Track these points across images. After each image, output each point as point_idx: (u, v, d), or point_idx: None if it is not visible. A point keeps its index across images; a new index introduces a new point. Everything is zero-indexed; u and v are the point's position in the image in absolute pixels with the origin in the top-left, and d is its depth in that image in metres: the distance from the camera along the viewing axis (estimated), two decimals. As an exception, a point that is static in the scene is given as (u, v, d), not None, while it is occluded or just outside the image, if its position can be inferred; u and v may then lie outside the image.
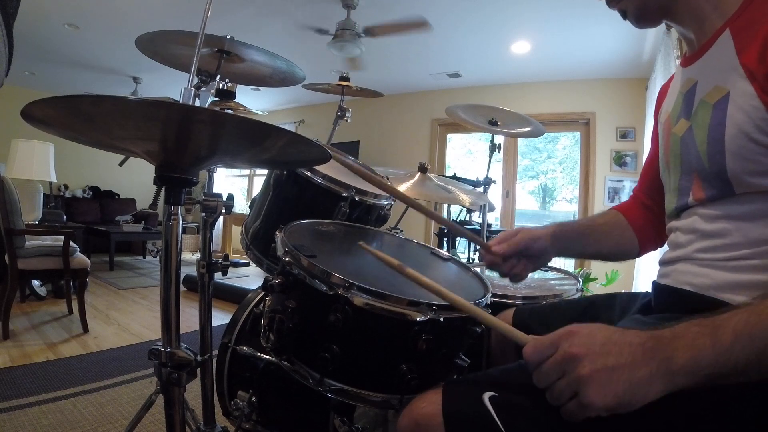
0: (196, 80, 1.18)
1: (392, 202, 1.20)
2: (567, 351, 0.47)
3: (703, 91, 0.63)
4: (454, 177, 2.81)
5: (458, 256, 1.77)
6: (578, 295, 1.18)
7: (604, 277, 3.65)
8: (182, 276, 0.82)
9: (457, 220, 3.07)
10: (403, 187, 1.59)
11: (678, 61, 2.53)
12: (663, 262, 0.73)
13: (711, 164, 0.60)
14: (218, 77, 1.25)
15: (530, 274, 1.46)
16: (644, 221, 0.90)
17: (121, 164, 1.19)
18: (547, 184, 5.33)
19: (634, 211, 0.92)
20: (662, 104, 0.81)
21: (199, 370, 0.82)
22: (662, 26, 2.73)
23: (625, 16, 0.72)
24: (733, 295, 0.58)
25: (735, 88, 0.57)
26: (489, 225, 2.28)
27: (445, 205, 3.15)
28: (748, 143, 0.55)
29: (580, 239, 0.90)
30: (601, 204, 4.20)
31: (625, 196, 4.11)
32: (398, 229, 1.32)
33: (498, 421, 0.52)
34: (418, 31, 3.22)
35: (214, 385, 1.22)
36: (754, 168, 0.55)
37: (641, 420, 0.48)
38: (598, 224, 0.92)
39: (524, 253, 0.86)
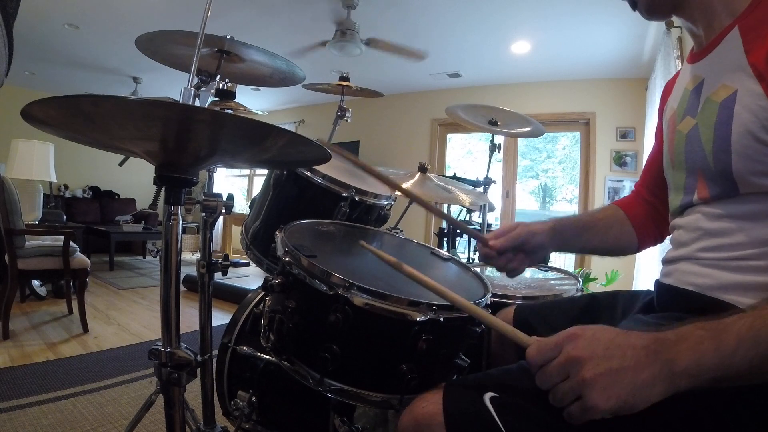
0: (196, 80, 1.18)
1: (392, 202, 1.20)
2: (570, 354, 0.46)
3: (709, 89, 0.63)
4: (454, 177, 2.81)
5: (458, 256, 1.77)
6: (578, 295, 1.18)
7: (604, 277, 3.65)
8: (182, 276, 0.82)
9: (457, 221, 3.07)
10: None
11: (678, 61, 2.52)
12: (666, 261, 0.73)
13: (716, 163, 0.60)
14: (218, 77, 1.25)
15: (530, 275, 1.46)
16: (644, 217, 0.90)
17: (121, 164, 1.19)
18: (547, 183, 5.32)
19: (635, 207, 0.92)
20: (667, 100, 0.80)
21: (199, 370, 0.82)
22: (662, 26, 2.73)
23: (635, 6, 0.71)
24: (736, 296, 0.58)
25: (742, 88, 0.57)
26: (489, 225, 2.28)
27: (445, 206, 3.15)
28: (754, 143, 0.55)
29: (580, 234, 0.90)
30: (601, 204, 4.19)
31: (625, 196, 4.11)
32: (398, 229, 1.32)
33: (499, 422, 0.52)
34: (414, 59, 3.31)
35: (214, 385, 1.22)
36: (760, 168, 0.55)
37: (640, 421, 0.48)
38: (598, 219, 0.92)
39: (521, 247, 0.85)
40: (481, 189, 2.24)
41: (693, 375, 0.44)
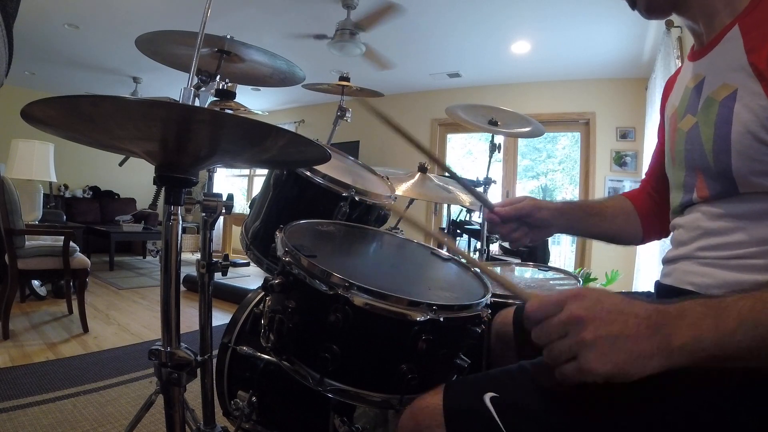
0: (196, 80, 1.18)
1: (392, 202, 1.20)
2: (573, 312, 0.46)
3: (710, 87, 0.63)
4: (454, 177, 2.81)
5: (458, 257, 1.77)
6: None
7: (604, 277, 3.65)
8: (182, 276, 0.82)
9: (457, 221, 3.08)
10: (403, 187, 1.59)
11: (678, 61, 2.52)
12: (666, 261, 0.73)
13: (716, 162, 0.60)
14: (218, 77, 1.25)
15: (530, 275, 1.46)
16: (650, 210, 0.92)
17: (121, 164, 1.19)
18: (547, 184, 5.32)
19: (642, 199, 0.94)
20: (669, 97, 0.81)
21: (199, 370, 0.82)
22: (662, 26, 2.73)
23: (633, 5, 0.71)
24: None
25: (743, 87, 0.56)
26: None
27: (445, 205, 3.15)
28: (754, 143, 0.54)
29: (587, 218, 0.92)
30: (601, 204, 4.20)
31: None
32: (398, 229, 1.32)
33: (499, 422, 0.52)
34: (392, 15, 3.24)
35: (214, 385, 1.22)
36: (760, 168, 0.55)
37: (641, 417, 0.48)
38: (606, 206, 0.94)
39: (525, 219, 0.88)
40: (481, 189, 2.24)
41: (691, 351, 0.44)
